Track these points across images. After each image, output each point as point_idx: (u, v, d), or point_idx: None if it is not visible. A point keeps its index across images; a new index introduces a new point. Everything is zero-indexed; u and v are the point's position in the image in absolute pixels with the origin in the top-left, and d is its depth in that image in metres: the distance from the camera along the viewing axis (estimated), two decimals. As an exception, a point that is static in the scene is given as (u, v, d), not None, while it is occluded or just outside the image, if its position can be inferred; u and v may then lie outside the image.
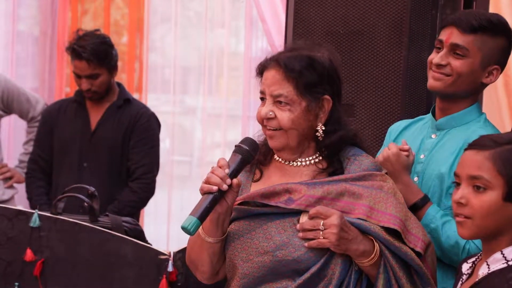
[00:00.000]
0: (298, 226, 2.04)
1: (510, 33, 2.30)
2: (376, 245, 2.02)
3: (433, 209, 2.23)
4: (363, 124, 2.86)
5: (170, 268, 2.60)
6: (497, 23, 2.27)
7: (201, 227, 2.02)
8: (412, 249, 2.05)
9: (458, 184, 1.85)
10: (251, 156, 2.07)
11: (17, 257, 2.68)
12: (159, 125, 3.88)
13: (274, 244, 2.04)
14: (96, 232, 2.67)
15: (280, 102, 2.06)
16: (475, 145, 1.84)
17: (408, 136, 2.43)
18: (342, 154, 2.14)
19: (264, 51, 4.98)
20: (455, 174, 1.86)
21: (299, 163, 2.13)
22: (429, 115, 2.41)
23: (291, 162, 2.14)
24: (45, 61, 5.17)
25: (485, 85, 2.33)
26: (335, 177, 2.08)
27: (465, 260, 1.96)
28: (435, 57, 2.28)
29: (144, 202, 3.84)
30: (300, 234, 2.03)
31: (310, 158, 2.13)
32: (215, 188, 1.99)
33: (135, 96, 4.91)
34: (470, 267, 1.91)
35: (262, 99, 2.10)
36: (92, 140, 3.76)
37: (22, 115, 4.15)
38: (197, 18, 5.39)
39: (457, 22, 2.24)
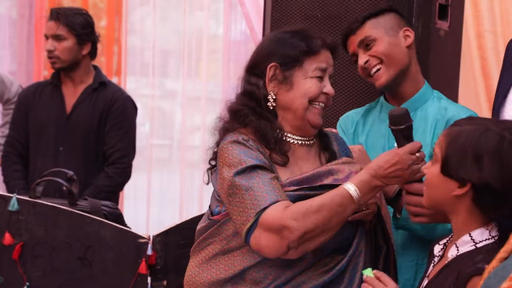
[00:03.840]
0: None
1: (389, 10, 2.50)
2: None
3: None
4: (341, 108, 2.88)
5: (149, 252, 2.61)
6: (374, 11, 2.47)
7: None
8: None
9: None
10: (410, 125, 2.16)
11: (-5, 241, 2.68)
12: (135, 108, 3.86)
13: None
14: (75, 215, 2.67)
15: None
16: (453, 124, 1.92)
17: (368, 127, 2.52)
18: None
19: (243, 34, 4.98)
20: None
21: (310, 142, 2.20)
22: (379, 103, 2.52)
23: (304, 141, 2.19)
24: (22, 43, 5.14)
25: (409, 49, 2.45)
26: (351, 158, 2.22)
27: (437, 242, 2.00)
28: (359, 65, 2.43)
29: (119, 186, 3.81)
30: None
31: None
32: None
33: (114, 79, 4.89)
34: (441, 249, 1.95)
35: (320, 78, 2.15)
36: (68, 123, 3.75)
37: None
38: (176, 1, 5.37)
39: (348, 30, 2.45)
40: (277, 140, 2.14)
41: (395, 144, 2.39)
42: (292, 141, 2.17)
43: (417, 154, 2.06)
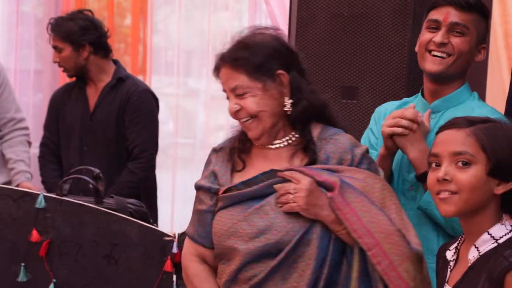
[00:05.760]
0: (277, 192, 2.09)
1: (488, 17, 2.42)
2: None
3: None
4: (367, 107, 2.87)
5: (174, 250, 2.62)
6: (484, 4, 2.37)
7: None
8: None
9: (437, 165, 1.86)
10: None
11: (23, 238, 2.70)
12: (155, 100, 3.81)
13: (257, 229, 2.08)
14: (101, 213, 2.68)
15: (240, 94, 2.13)
16: (452, 124, 1.87)
17: None
18: (320, 135, 2.17)
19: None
20: (433, 155, 1.87)
21: (277, 145, 2.18)
22: (417, 98, 2.45)
23: (270, 145, 2.19)
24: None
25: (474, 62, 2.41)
26: (318, 166, 2.11)
27: (447, 248, 1.97)
28: (433, 37, 2.32)
29: (142, 181, 3.78)
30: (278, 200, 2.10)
31: (287, 138, 2.18)
32: None
33: (139, 78, 4.90)
34: (454, 253, 1.92)
35: (228, 97, 2.18)
36: (90, 123, 3.77)
37: (1, 111, 3.91)
38: (201, 0, 5.38)
39: (453, 1, 2.31)
40: (241, 149, 2.22)
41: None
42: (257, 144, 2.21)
43: None
